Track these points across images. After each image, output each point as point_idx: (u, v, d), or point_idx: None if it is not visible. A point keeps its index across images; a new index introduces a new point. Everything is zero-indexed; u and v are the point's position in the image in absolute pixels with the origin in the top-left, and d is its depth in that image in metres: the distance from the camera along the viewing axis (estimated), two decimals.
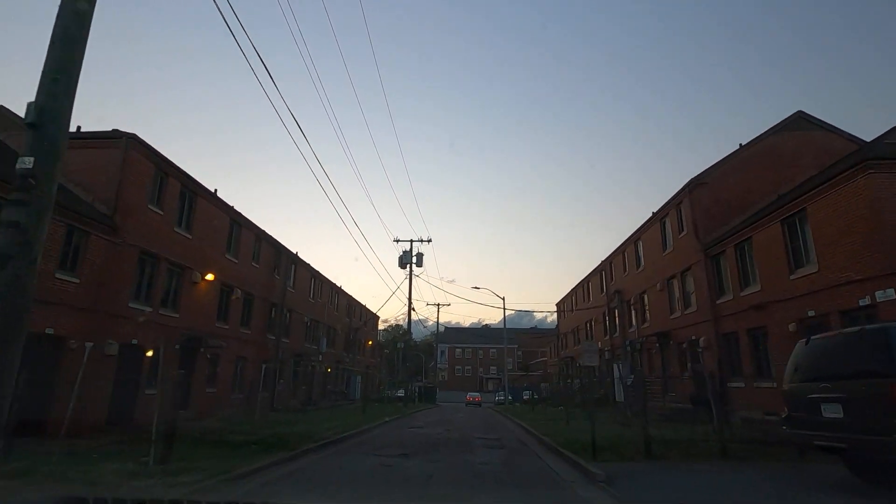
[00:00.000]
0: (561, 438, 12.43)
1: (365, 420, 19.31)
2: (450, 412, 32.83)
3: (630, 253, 27.98)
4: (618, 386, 27.79)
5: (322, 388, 35.28)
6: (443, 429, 17.53)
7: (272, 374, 26.15)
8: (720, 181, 19.79)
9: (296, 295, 29.61)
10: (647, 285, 24.95)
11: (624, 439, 11.35)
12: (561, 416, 21.63)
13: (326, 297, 35.77)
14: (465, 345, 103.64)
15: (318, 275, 33.71)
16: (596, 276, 35.32)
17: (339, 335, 39.42)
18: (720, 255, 18.08)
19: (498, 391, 58.15)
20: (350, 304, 43.32)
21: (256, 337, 24.23)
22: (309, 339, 32.36)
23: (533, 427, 16.65)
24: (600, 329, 33.75)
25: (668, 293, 22.49)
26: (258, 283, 24.37)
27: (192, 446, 9.40)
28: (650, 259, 24.77)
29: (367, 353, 51.44)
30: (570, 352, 43.04)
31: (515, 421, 21.48)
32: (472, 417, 26.11)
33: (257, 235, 24.25)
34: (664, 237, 23.12)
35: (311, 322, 32.54)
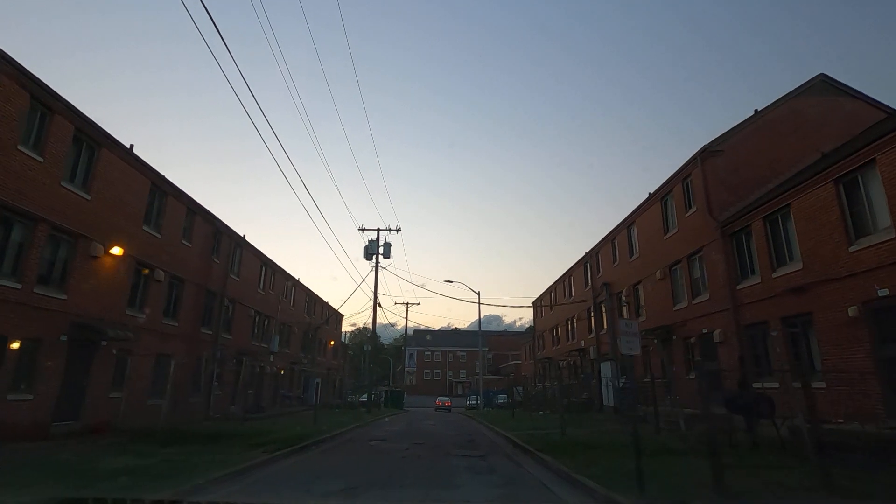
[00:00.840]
0: (570, 459, 9.17)
1: (314, 431, 15.63)
2: (419, 418, 29.28)
3: (621, 241, 25.17)
4: (606, 389, 24.90)
5: (273, 392, 31.17)
6: (409, 442, 14.04)
7: (209, 376, 22.09)
8: (736, 149, 17.07)
9: (241, 284, 25.56)
10: (643, 275, 22.12)
11: (667, 465, 8.16)
12: (545, 424, 18.44)
13: (280, 290, 31.72)
14: (434, 348, 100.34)
15: (270, 263, 29.67)
16: (579, 270, 32.50)
17: (295, 333, 35.34)
18: (742, 232, 15.25)
19: (469, 395, 54.82)
20: (310, 299, 39.26)
21: (187, 330, 20.14)
22: (257, 336, 28.27)
23: (522, 439, 13.34)
24: (584, 327, 30.91)
25: (672, 282, 19.65)
26: (190, 266, 20.31)
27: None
28: (647, 245, 21.95)
29: (329, 354, 47.30)
30: (549, 352, 40.16)
31: (495, 430, 18.15)
32: (444, 425, 22.67)
33: (190, 209, 20.20)
34: (666, 218, 20.30)
35: (260, 317, 28.46)
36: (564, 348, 35.20)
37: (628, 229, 24.28)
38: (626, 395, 23.25)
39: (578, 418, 21.79)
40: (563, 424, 14.49)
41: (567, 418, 22.37)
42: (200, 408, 21.21)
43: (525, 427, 18.27)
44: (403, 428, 20.48)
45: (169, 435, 13.04)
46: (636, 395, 22.45)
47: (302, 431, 15.87)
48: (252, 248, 26.83)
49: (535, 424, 18.16)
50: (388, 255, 34.07)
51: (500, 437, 15.89)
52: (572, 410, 28.04)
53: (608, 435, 14.06)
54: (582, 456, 9.82)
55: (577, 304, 31.69)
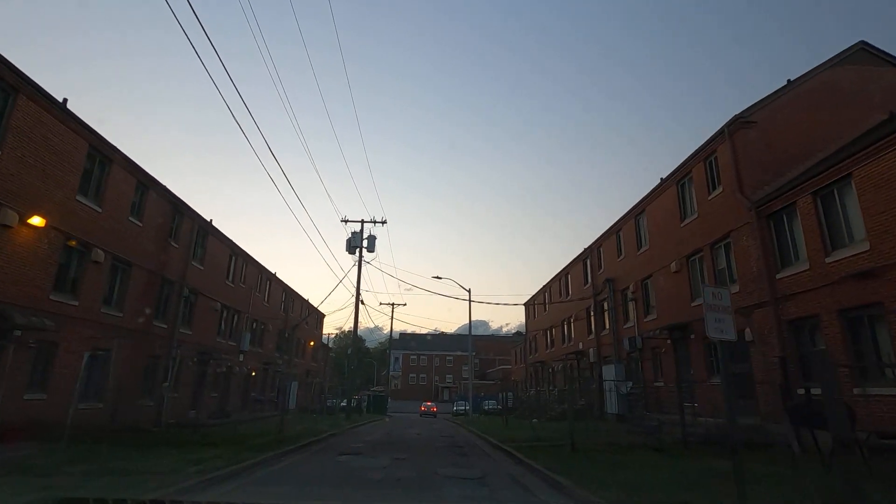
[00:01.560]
0: (602, 488, 6.81)
1: (276, 441, 13.09)
2: (402, 426, 26.73)
3: (628, 232, 22.98)
4: (609, 394, 22.63)
5: (243, 395, 28.38)
6: (388, 456, 11.54)
7: (163, 376, 19.34)
8: (769, 122, 14.95)
9: (206, 274, 22.84)
10: (654, 268, 19.91)
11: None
12: (545, 433, 16.07)
13: (252, 283, 28.98)
14: (420, 351, 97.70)
15: (241, 253, 26.95)
16: (577, 266, 30.27)
17: (269, 332, 32.57)
18: (783, 213, 13.07)
19: (457, 400, 52.25)
20: (287, 295, 36.52)
21: (135, 323, 17.42)
22: (225, 332, 25.52)
23: (525, 454, 10.92)
24: (582, 327, 28.67)
25: (689, 274, 17.45)
26: (141, 248, 17.62)
27: None
28: (659, 235, 19.77)
29: (309, 355, 44.48)
30: (542, 356, 37.87)
31: (489, 440, 15.72)
32: (430, 434, 20.16)
33: (142, 182, 17.53)
34: (683, 204, 18.14)
35: (228, 311, 25.71)
36: (560, 351, 32.93)
37: (636, 219, 22.09)
38: (633, 401, 21.01)
39: (580, 427, 19.50)
40: (572, 434, 12.09)
41: (563, 427, 20.10)
42: (152, 412, 18.46)
43: (523, 436, 15.87)
44: (383, 437, 17.95)
45: (94, 445, 10.43)
46: (646, 402, 20.22)
47: (262, 441, 13.32)
48: (219, 235, 24.13)
49: (534, 434, 15.77)
50: (373, 248, 31.60)
51: (497, 451, 13.46)
52: (568, 418, 25.73)
53: (631, 450, 11.73)
54: (611, 478, 7.49)
55: (576, 302, 29.46)
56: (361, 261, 31.17)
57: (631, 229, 22.54)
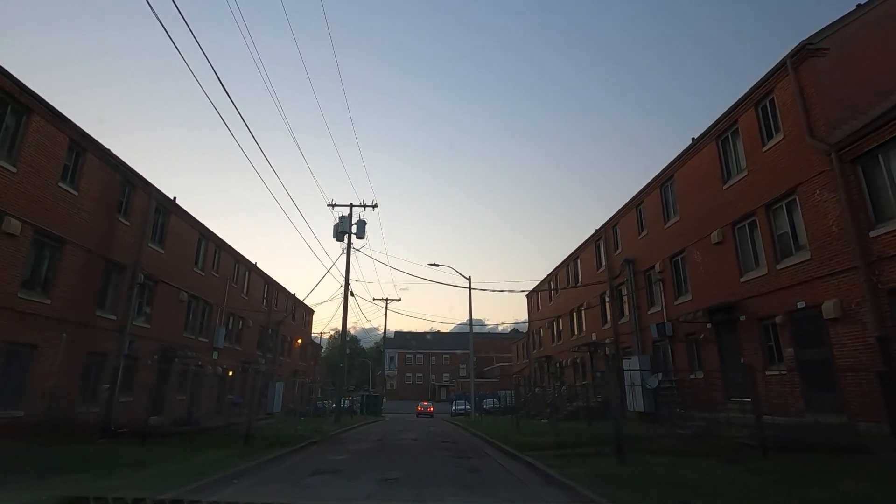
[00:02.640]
0: None
1: (231, 458, 10.17)
2: (397, 429, 23.82)
3: (651, 205, 20.16)
4: (633, 390, 19.80)
5: (217, 398, 25.34)
6: (376, 474, 8.65)
7: (111, 377, 16.32)
8: (844, 49, 12.14)
9: (168, 260, 19.81)
10: (688, 241, 17.11)
11: None
12: (569, 435, 13.20)
13: (228, 273, 25.93)
14: (416, 350, 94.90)
15: (213, 237, 23.90)
16: (589, 249, 27.45)
17: (250, 328, 29.54)
18: (878, 154, 10.25)
19: (455, 400, 49.27)
20: (270, 288, 33.46)
21: (69, 312, 14.38)
22: (194, 327, 22.48)
23: (568, 475, 8.02)
24: (596, 316, 25.85)
25: (737, 245, 14.65)
26: (77, 222, 14.59)
27: None
28: (693, 203, 16.96)
29: (296, 354, 41.44)
30: (548, 350, 35.07)
31: (504, 447, 12.84)
32: (429, 439, 17.24)
33: (75, 141, 14.49)
34: (726, 161, 15.33)
35: (197, 303, 22.67)
36: (568, 344, 30.12)
37: (662, 189, 19.27)
38: (664, 397, 18.19)
39: (602, 428, 16.67)
40: (620, 439, 9.20)
41: (582, 429, 17.22)
42: (96, 419, 15.44)
43: (541, 441, 13.00)
44: (374, 445, 15.02)
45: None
46: (679, 398, 17.41)
47: (217, 456, 10.43)
48: (185, 215, 21.09)
49: (558, 439, 12.87)
50: (363, 234, 28.66)
51: (516, 463, 10.56)
52: (581, 417, 23.02)
53: (694, 459, 8.88)
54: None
55: (588, 289, 26.62)
56: (350, 248, 28.22)
57: (655, 201, 19.72)
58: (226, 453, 10.93)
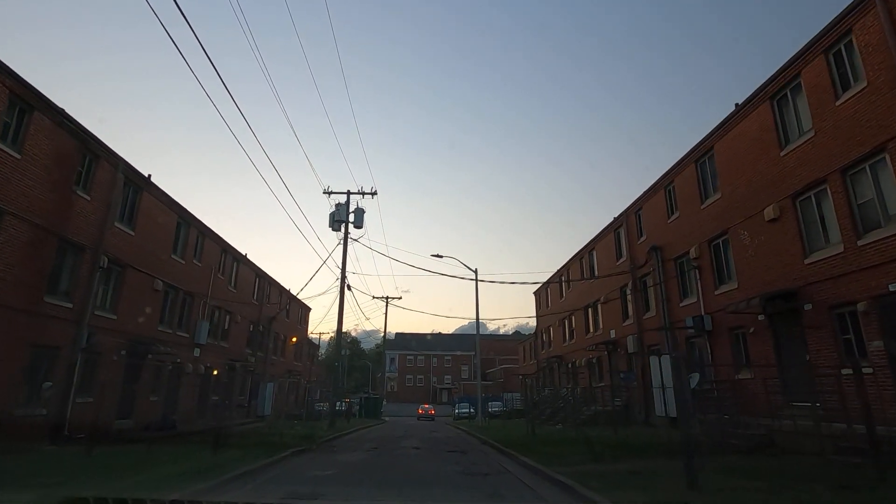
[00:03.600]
0: None
1: (191, 474, 8.00)
2: (396, 434, 21.54)
3: (684, 184, 17.92)
4: (660, 393, 17.50)
5: (200, 399, 23.09)
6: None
7: (66, 374, 14.11)
8: None
9: (139, 243, 17.61)
10: (733, 221, 14.86)
11: None
12: (605, 447, 10.95)
13: (212, 262, 23.72)
14: (417, 352, 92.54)
15: (194, 221, 21.68)
16: (607, 240, 25.18)
17: (238, 323, 27.31)
18: None
19: (459, 402, 46.88)
20: (262, 282, 31.22)
21: (5, 296, 12.15)
22: (171, 320, 20.25)
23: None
24: (615, 311, 23.58)
25: (799, 220, 12.39)
26: (18, 189, 12.37)
27: None
28: (740, 175, 14.71)
29: (291, 353, 39.19)
30: (559, 350, 32.77)
31: (528, 462, 10.59)
32: (433, 447, 14.93)
33: (18, 97, 12.28)
34: (786, 122, 13.07)
35: (175, 293, 20.44)
36: (583, 342, 27.85)
37: (698, 165, 17.03)
38: (702, 401, 15.89)
39: (632, 436, 14.41)
40: (691, 465, 6.94)
41: (608, 436, 14.96)
42: (45, 423, 13.21)
43: (570, 453, 10.78)
44: (368, 455, 12.75)
45: None
46: (728, 402, 15.11)
47: (167, 472, 8.25)
48: (161, 195, 18.88)
49: (590, 450, 10.60)
50: (361, 223, 26.39)
51: (550, 485, 8.29)
52: (601, 422, 20.75)
53: (789, 484, 6.64)
54: None
55: (607, 281, 24.34)
56: (347, 237, 25.99)
57: (689, 179, 17.47)
58: (182, 467, 8.73)
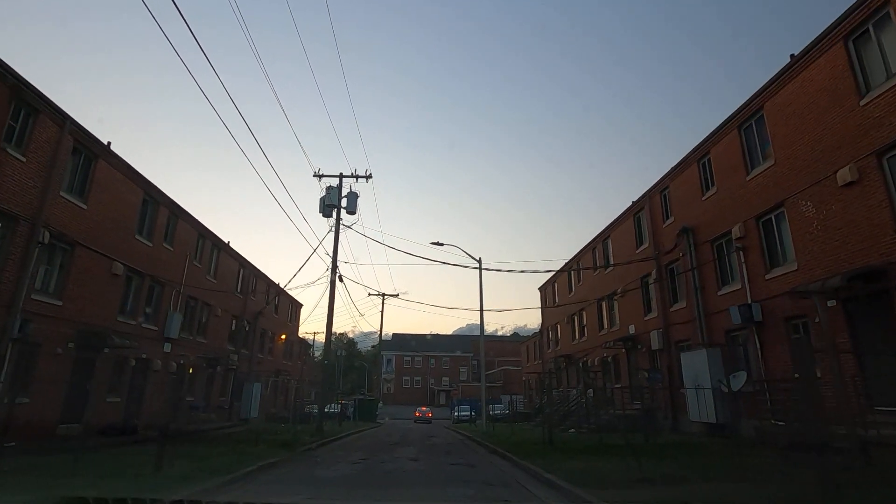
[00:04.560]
0: None
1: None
2: (391, 441, 19.10)
3: (724, 153, 15.58)
4: (694, 395, 15.19)
5: (171, 400, 20.57)
6: None
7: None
8: None
9: (94, 218, 15.19)
10: (792, 190, 12.54)
11: None
12: (646, 460, 8.54)
13: (188, 248, 21.29)
14: (414, 353, 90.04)
15: (165, 199, 19.24)
16: (624, 225, 22.82)
17: (218, 317, 24.86)
18: None
19: (458, 405, 44.40)
20: (247, 273, 28.78)
21: None
22: (134, 310, 17.81)
23: None
24: (634, 303, 21.21)
25: (888, 182, 10.07)
26: None
27: None
28: (802, 136, 12.38)
29: (280, 352, 36.73)
30: (567, 348, 30.41)
31: (561, 485, 8.16)
32: (433, 459, 12.46)
33: None
34: (865, 66, 10.74)
35: (139, 279, 18.00)
36: (596, 340, 25.51)
37: (742, 130, 14.69)
38: (750, 404, 13.54)
39: (674, 447, 12.03)
40: (828, 486, 4.56)
41: (640, 445, 12.59)
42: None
43: (608, 471, 8.41)
44: (353, 471, 10.30)
45: None
46: (772, 406, 12.73)
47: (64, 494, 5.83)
48: (122, 165, 16.46)
49: (626, 465, 8.19)
50: (354, 209, 24.01)
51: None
52: (620, 428, 18.39)
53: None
54: None
55: (624, 272, 21.98)
56: (339, 224, 23.59)
57: (731, 147, 15.13)
58: (91, 489, 6.31)
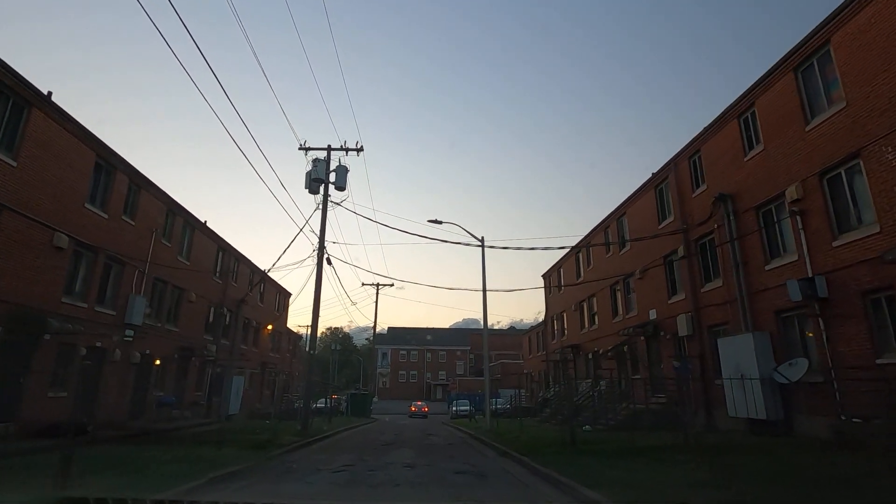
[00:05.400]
0: None
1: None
2: (385, 439, 16.80)
3: (774, 104, 13.26)
4: (736, 386, 12.99)
5: (135, 394, 18.24)
6: None
7: None
8: None
9: (27, 178, 12.75)
10: (870, 136, 10.28)
11: None
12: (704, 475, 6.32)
13: (153, 223, 18.84)
14: (411, 347, 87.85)
15: (123, 165, 16.76)
16: (643, 199, 20.52)
17: (192, 303, 22.45)
18: None
19: (456, 399, 42.15)
20: (227, 256, 26.35)
21: None
22: (86, 291, 15.38)
23: None
24: (656, 285, 18.98)
25: None
26: None
27: None
28: (882, 70, 10.11)
29: (266, 344, 34.35)
30: (574, 338, 28.23)
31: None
32: (433, 463, 10.14)
33: None
34: None
35: (94, 257, 15.58)
36: (608, 328, 23.33)
37: (799, 73, 12.39)
38: (811, 398, 11.35)
39: (724, 447, 9.84)
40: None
41: (678, 447, 10.35)
42: None
43: (685, 488, 6.14)
44: (335, 483, 7.99)
45: None
46: (841, 399, 10.53)
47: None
48: (68, 121, 13.98)
49: (690, 479, 5.95)
50: (344, 184, 21.69)
51: None
52: (644, 424, 16.24)
53: None
54: None
55: (642, 252, 19.71)
56: (327, 200, 21.23)
57: (784, 95, 12.81)
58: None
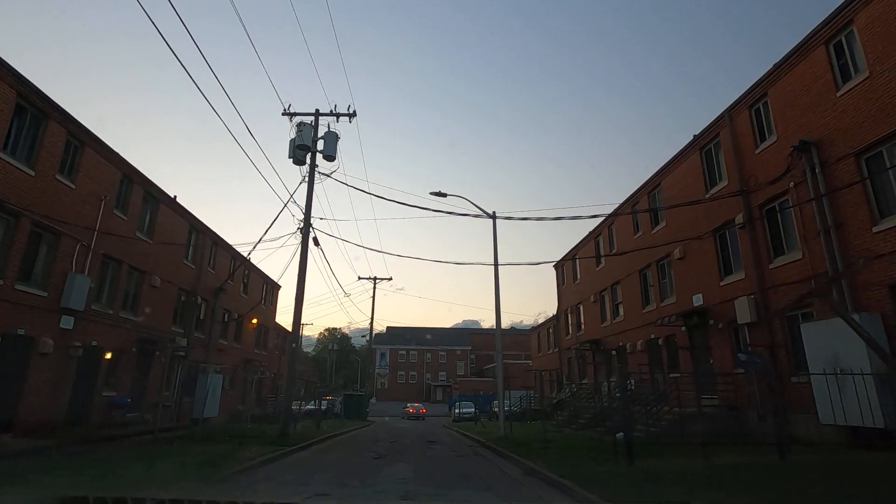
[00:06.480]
0: None
1: None
2: (378, 449, 13.56)
3: (876, 24, 10.24)
4: (826, 384, 9.88)
5: (76, 394, 15.06)
6: None
7: None
8: None
9: None
10: None
11: None
12: None
13: (101, 187, 15.69)
14: (410, 347, 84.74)
15: (55, 111, 13.59)
16: (684, 166, 17.42)
17: (156, 289, 19.30)
18: None
19: (459, 401, 38.90)
20: (202, 238, 23.19)
21: None
22: (4, 267, 12.24)
23: None
24: (701, 266, 15.86)
25: None
26: None
27: None
28: None
29: (251, 339, 31.18)
30: (594, 332, 25.11)
31: None
32: (444, 499, 7.09)
33: None
34: None
35: (12, 224, 12.43)
36: (637, 319, 20.25)
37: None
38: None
39: (835, 474, 6.72)
40: None
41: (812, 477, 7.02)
42: None
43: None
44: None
45: None
46: None
47: None
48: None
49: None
50: (334, 153, 18.71)
51: None
52: (700, 432, 13.13)
53: None
54: None
55: (684, 225, 16.58)
56: (314, 170, 18.15)
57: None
58: None
